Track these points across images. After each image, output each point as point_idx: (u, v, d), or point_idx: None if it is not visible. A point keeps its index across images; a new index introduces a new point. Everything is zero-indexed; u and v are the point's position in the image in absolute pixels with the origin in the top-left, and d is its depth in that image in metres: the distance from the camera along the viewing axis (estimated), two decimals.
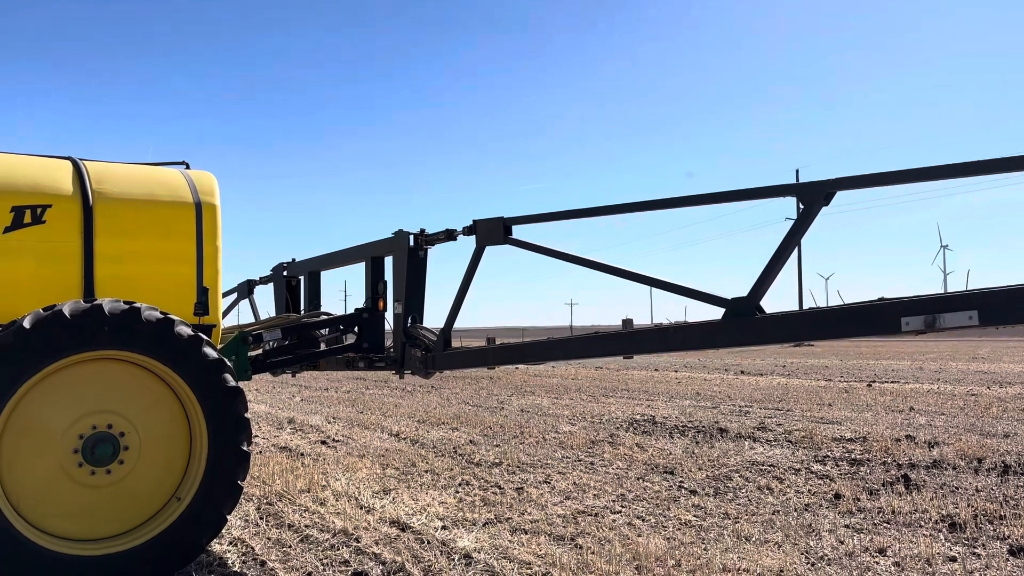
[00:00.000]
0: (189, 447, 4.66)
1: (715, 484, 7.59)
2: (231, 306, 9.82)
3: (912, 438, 10.11)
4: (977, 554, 5.30)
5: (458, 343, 6.79)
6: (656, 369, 26.80)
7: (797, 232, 4.55)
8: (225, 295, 9.02)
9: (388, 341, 7.25)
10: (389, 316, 7.18)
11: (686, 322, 5.12)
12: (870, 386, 18.64)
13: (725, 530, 5.93)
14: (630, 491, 7.30)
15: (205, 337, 4.63)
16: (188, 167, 5.71)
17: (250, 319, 9.31)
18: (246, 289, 9.66)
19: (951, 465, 8.29)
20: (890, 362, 29.74)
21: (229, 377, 4.62)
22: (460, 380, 21.82)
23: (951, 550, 5.37)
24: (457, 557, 5.27)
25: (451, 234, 6.65)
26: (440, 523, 6.17)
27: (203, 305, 5.18)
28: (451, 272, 7.05)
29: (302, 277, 8.58)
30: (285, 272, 8.78)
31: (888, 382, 19.90)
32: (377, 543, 5.60)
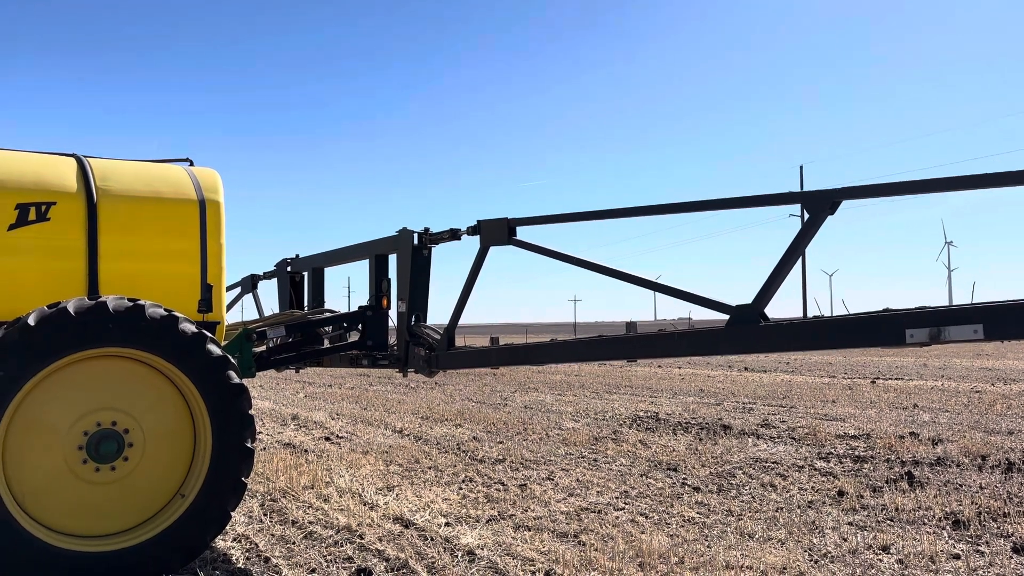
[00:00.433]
0: (193, 444, 4.66)
1: (718, 481, 7.59)
2: (234, 300, 9.83)
3: (916, 435, 10.10)
4: (981, 552, 5.30)
5: (461, 340, 6.80)
6: (659, 366, 26.80)
7: (802, 241, 4.55)
8: (229, 289, 9.02)
9: (392, 339, 7.25)
10: (393, 314, 7.18)
11: (691, 329, 5.13)
12: (874, 383, 18.63)
13: (728, 527, 5.93)
14: (633, 488, 7.31)
15: (209, 334, 4.63)
16: (192, 164, 5.71)
17: (254, 314, 9.33)
18: (250, 284, 9.67)
19: (955, 462, 8.29)
20: (894, 359, 29.71)
21: (233, 374, 4.63)
22: (463, 376, 21.84)
23: (955, 548, 5.37)
24: (460, 554, 5.28)
25: (455, 233, 6.64)
26: (444, 520, 6.18)
27: (207, 302, 5.19)
28: (454, 271, 7.06)
29: (306, 273, 8.58)
30: (289, 268, 8.79)
31: (892, 379, 19.88)
32: (381, 540, 5.61)
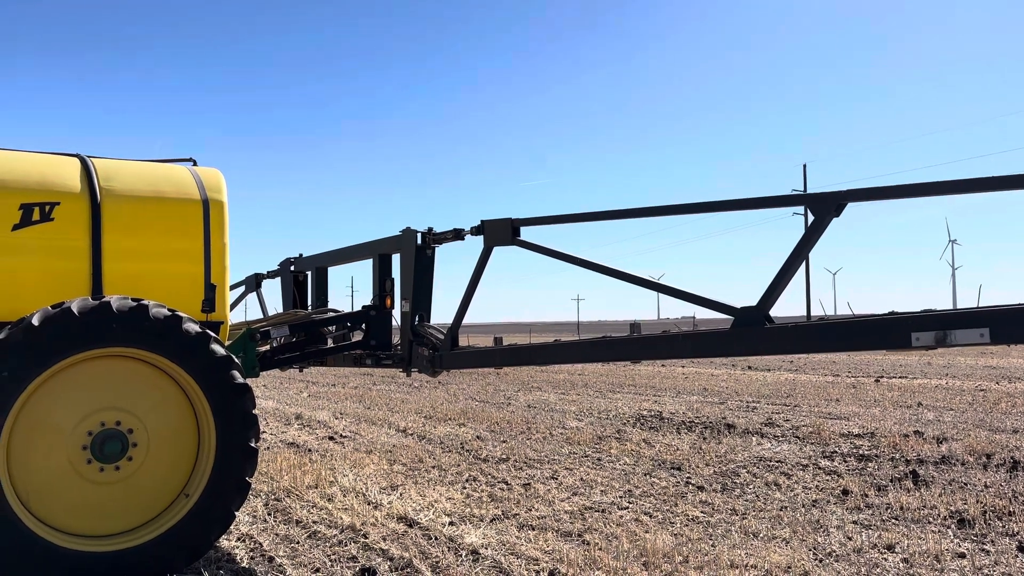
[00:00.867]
0: (197, 444, 4.67)
1: (722, 480, 7.58)
2: (238, 300, 9.83)
3: (920, 434, 10.08)
4: (986, 550, 5.29)
5: (464, 340, 6.79)
6: (663, 365, 26.78)
7: (807, 243, 4.54)
8: (232, 288, 9.02)
9: (395, 338, 7.25)
10: (396, 314, 7.18)
11: (695, 331, 5.11)
12: (878, 381, 18.60)
13: (732, 526, 5.93)
14: (637, 487, 7.30)
15: (213, 334, 4.63)
16: (195, 164, 5.72)
17: (258, 313, 9.33)
18: (253, 283, 9.68)
19: (960, 461, 8.27)
20: (898, 357, 29.66)
21: (237, 374, 4.63)
22: (467, 376, 21.84)
23: (960, 546, 5.36)
24: (464, 553, 5.28)
25: (459, 233, 6.63)
26: (447, 519, 6.18)
27: (211, 302, 5.19)
28: (458, 271, 7.05)
29: (309, 273, 8.59)
30: (292, 267, 8.79)
31: (896, 377, 19.84)
32: (385, 539, 5.61)
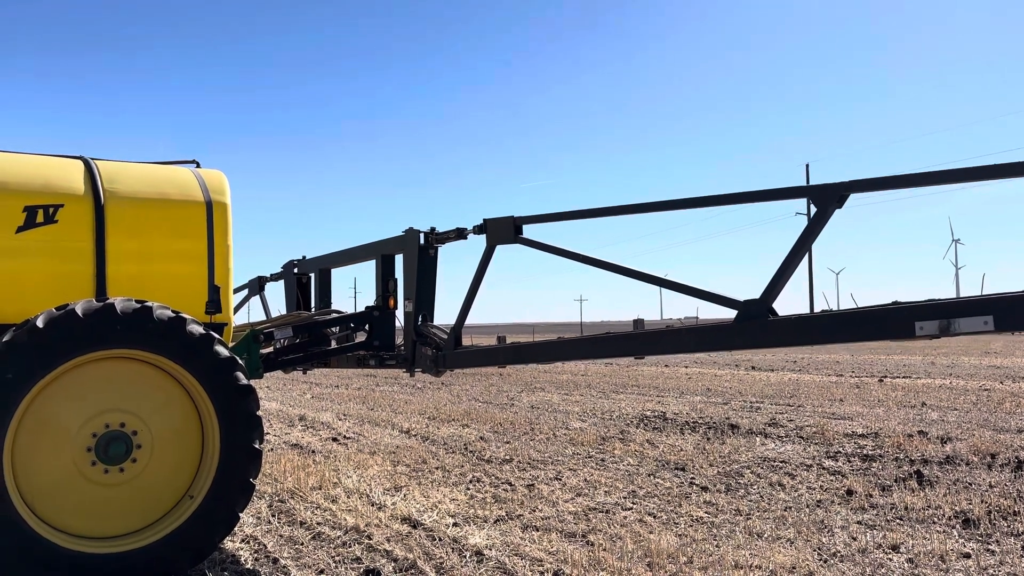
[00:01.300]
0: (201, 445, 4.67)
1: (726, 480, 7.57)
2: (242, 302, 9.85)
3: (924, 433, 10.06)
4: (991, 550, 5.28)
5: (468, 340, 6.79)
6: (666, 365, 26.77)
7: (810, 235, 4.53)
8: (236, 291, 9.04)
9: (399, 339, 7.26)
10: (400, 314, 7.18)
11: (698, 324, 5.11)
12: (882, 381, 18.57)
13: (737, 527, 5.92)
14: (641, 488, 7.29)
15: (217, 335, 4.64)
16: (199, 165, 5.73)
17: (261, 315, 9.34)
18: (257, 286, 9.70)
19: (964, 461, 8.25)
20: (902, 357, 29.61)
21: (241, 375, 4.64)
22: (470, 376, 21.84)
23: (965, 546, 5.35)
24: (469, 554, 5.28)
25: (461, 233, 6.64)
26: (451, 520, 6.18)
27: (215, 303, 5.19)
28: (461, 270, 7.06)
29: (312, 274, 8.60)
30: (296, 269, 8.81)
31: (900, 377, 19.81)
32: (389, 540, 5.61)
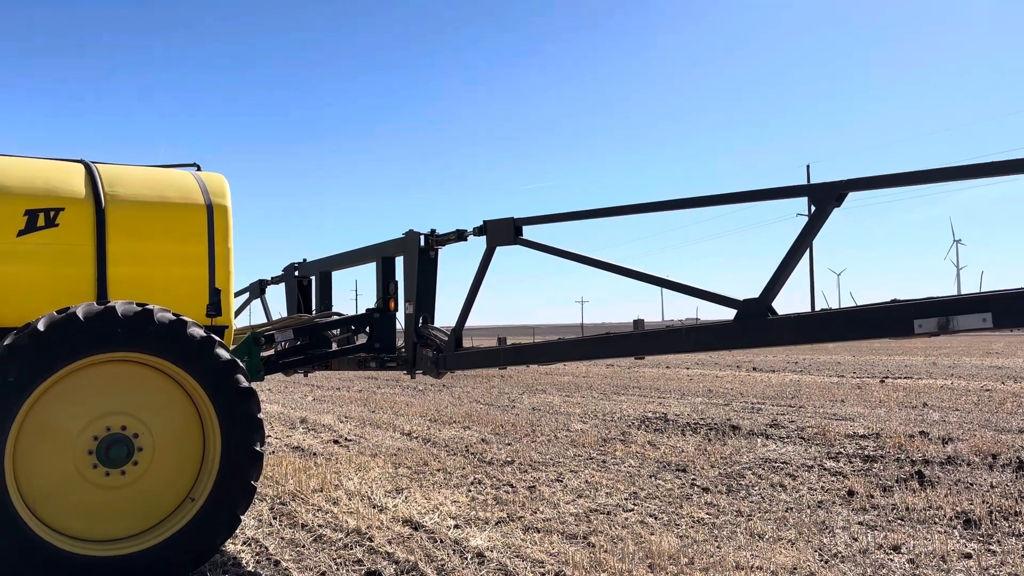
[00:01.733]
0: (203, 448, 4.68)
1: (728, 482, 7.57)
2: (243, 306, 9.87)
3: (926, 434, 10.06)
4: (992, 551, 5.28)
5: (468, 342, 6.80)
6: (668, 366, 26.76)
7: (809, 233, 4.54)
8: (237, 295, 9.05)
9: (400, 341, 7.26)
10: (400, 316, 7.19)
11: (698, 324, 5.11)
12: (883, 382, 18.56)
13: (738, 528, 5.92)
14: (642, 489, 7.29)
15: (217, 338, 4.64)
16: (199, 169, 5.73)
17: (262, 319, 9.35)
18: (258, 289, 9.71)
19: (965, 461, 8.24)
20: (903, 358, 29.59)
21: (242, 378, 4.64)
22: (471, 378, 21.84)
23: (966, 547, 5.34)
24: (470, 556, 5.28)
25: (461, 234, 6.64)
26: (453, 522, 6.18)
27: (215, 306, 5.20)
28: (461, 271, 7.06)
29: (313, 277, 8.61)
30: (296, 272, 8.82)
31: (901, 378, 19.80)
32: (390, 542, 5.61)
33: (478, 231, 6.36)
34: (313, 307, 8.55)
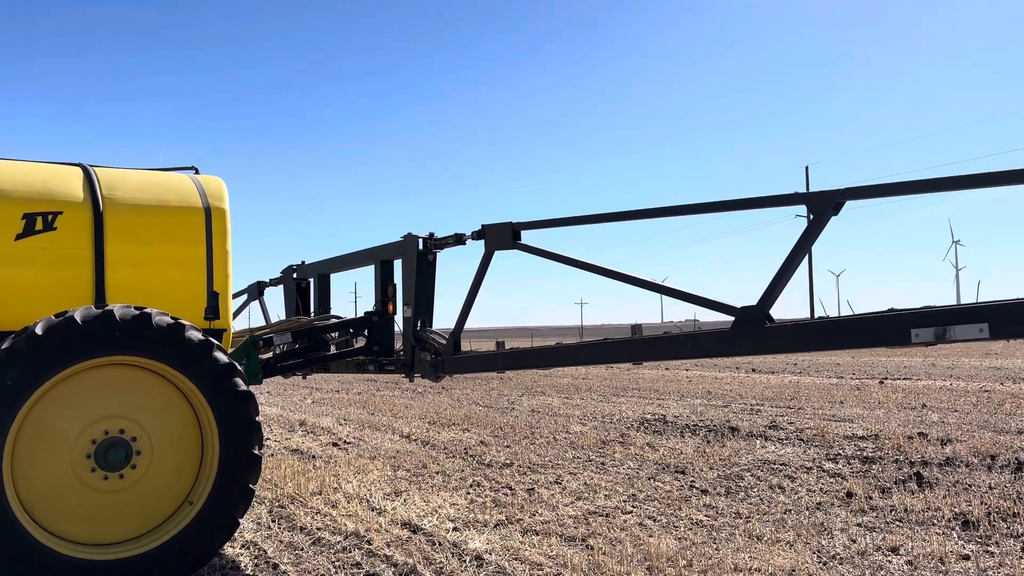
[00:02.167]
0: (201, 451, 4.68)
1: (726, 483, 7.57)
2: (241, 308, 9.87)
3: (924, 435, 10.06)
4: (991, 552, 5.28)
5: (467, 344, 6.80)
6: (667, 368, 26.76)
7: (807, 241, 4.55)
8: (235, 296, 9.05)
9: (398, 344, 7.27)
10: (399, 319, 7.19)
11: (696, 331, 5.12)
12: (882, 383, 18.57)
13: (737, 530, 5.92)
14: (641, 491, 7.30)
15: (216, 342, 4.65)
16: (197, 172, 5.74)
17: (260, 321, 9.36)
18: (256, 291, 9.71)
19: (964, 462, 8.25)
20: (902, 359, 29.61)
21: (240, 381, 4.64)
22: (470, 381, 21.84)
23: (964, 548, 5.35)
24: (469, 558, 5.28)
25: (460, 238, 6.65)
26: (451, 524, 6.18)
27: (214, 309, 5.20)
28: (460, 275, 7.06)
29: (312, 280, 8.61)
30: (295, 275, 8.82)
31: (900, 379, 19.81)
32: (389, 545, 5.62)
33: (476, 235, 6.36)
34: (311, 310, 8.55)
